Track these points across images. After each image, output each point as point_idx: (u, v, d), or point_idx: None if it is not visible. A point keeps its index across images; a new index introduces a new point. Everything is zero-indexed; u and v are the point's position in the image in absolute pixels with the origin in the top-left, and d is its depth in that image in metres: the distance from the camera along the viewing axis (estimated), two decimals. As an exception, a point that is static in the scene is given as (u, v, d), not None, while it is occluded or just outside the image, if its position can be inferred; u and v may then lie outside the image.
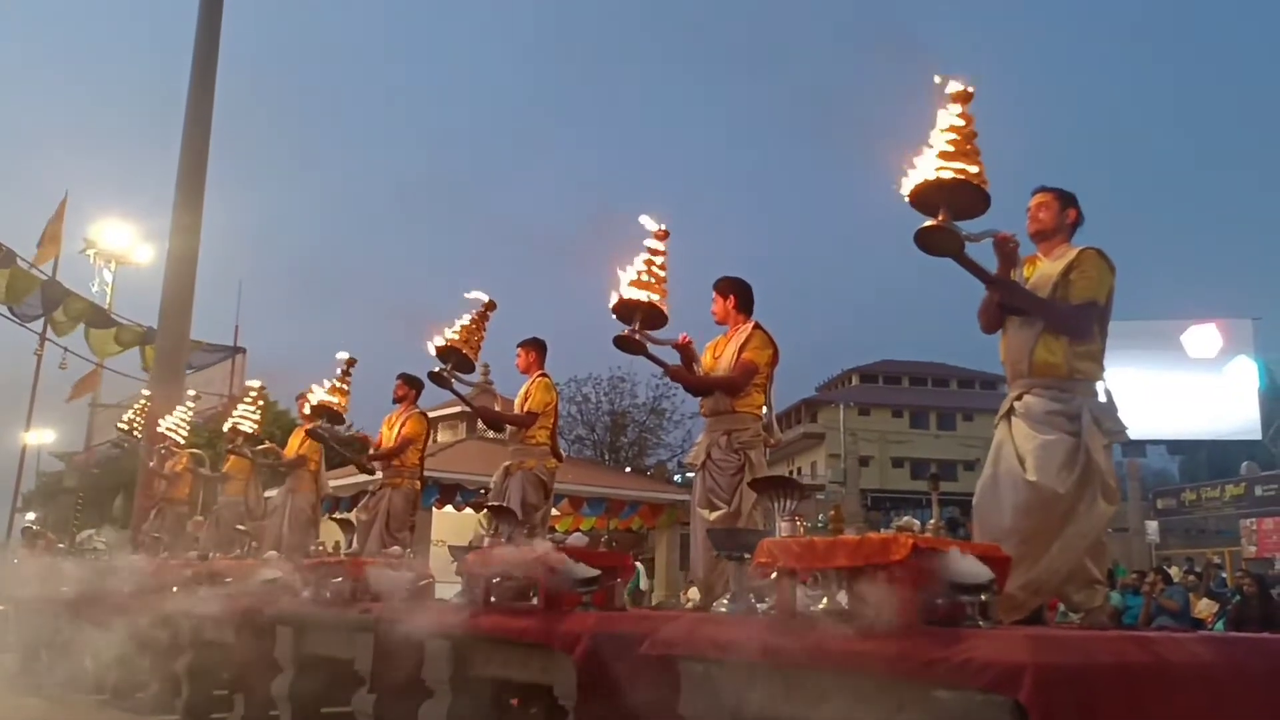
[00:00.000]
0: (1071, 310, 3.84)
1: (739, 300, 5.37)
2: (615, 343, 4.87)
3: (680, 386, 5.41)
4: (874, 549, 2.93)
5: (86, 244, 22.35)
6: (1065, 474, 3.64)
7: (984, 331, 4.11)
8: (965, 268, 3.67)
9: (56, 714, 7.55)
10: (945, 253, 3.53)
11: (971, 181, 3.41)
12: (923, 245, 3.49)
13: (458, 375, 6.34)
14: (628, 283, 4.88)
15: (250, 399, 8.95)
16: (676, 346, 5.09)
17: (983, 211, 3.56)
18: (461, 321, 6.39)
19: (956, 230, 3.46)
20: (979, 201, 3.49)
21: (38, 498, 28.00)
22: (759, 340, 5.21)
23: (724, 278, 5.43)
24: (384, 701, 5.05)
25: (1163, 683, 2.67)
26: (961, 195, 3.43)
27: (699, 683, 3.32)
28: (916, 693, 2.69)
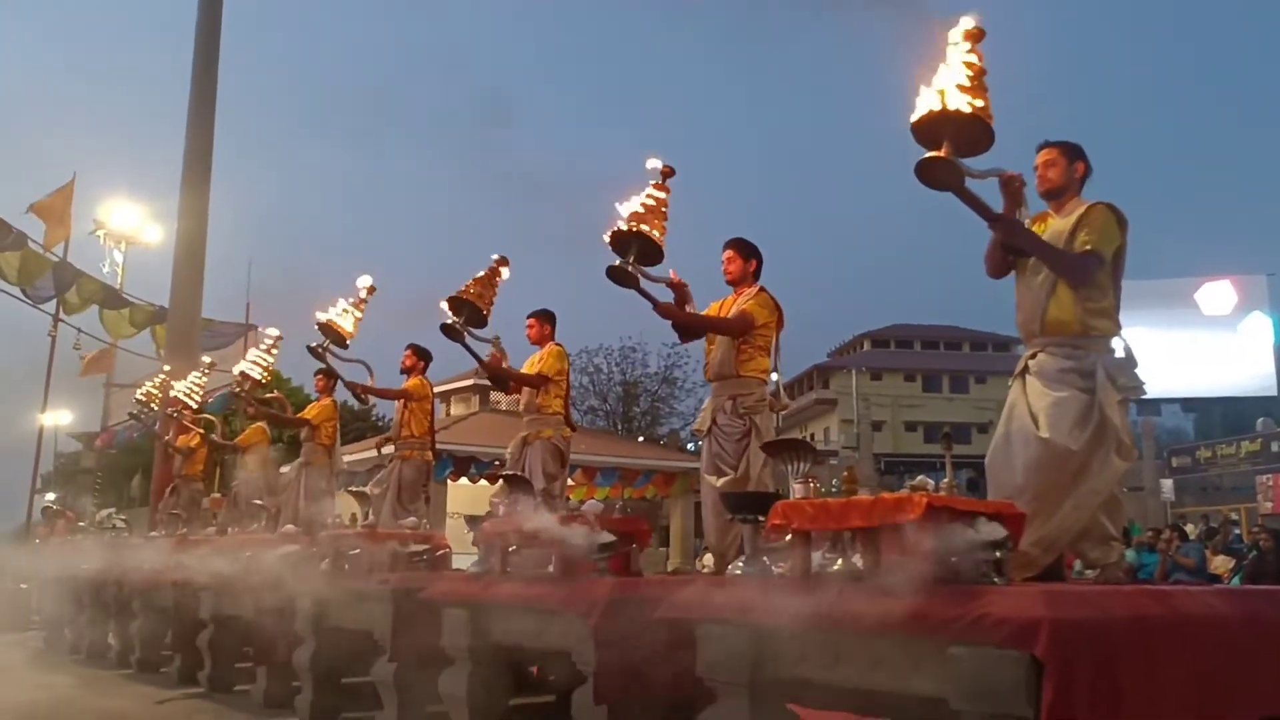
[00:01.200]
0: (1074, 256, 3.78)
1: (759, 265, 5.34)
2: (607, 273, 4.81)
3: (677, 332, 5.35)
4: (888, 509, 2.94)
5: (96, 225, 22.40)
6: (1078, 431, 3.63)
7: (990, 276, 4.06)
8: (966, 203, 3.56)
9: (83, 690, 7.65)
10: (946, 186, 3.43)
11: (978, 115, 3.33)
12: (923, 177, 3.39)
13: (470, 330, 6.32)
14: (626, 214, 4.84)
15: (265, 347, 8.91)
16: (670, 284, 5.04)
17: (987, 148, 3.47)
18: (475, 275, 6.38)
19: (958, 163, 3.37)
20: (984, 137, 3.41)
21: (57, 478, 28.25)
22: (761, 299, 5.20)
23: (742, 240, 5.39)
24: (404, 670, 5.09)
25: (1179, 635, 2.67)
26: (966, 129, 3.34)
27: (715, 645, 3.34)
28: (932, 650, 2.70)
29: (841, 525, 3.11)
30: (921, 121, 3.36)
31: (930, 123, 3.35)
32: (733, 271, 5.33)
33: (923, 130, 3.38)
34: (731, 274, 5.34)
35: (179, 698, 6.93)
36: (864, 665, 2.93)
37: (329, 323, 7.25)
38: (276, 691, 6.41)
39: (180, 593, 7.49)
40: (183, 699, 6.89)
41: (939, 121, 3.33)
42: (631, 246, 4.81)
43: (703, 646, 3.39)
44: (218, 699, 6.82)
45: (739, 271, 5.32)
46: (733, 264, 5.33)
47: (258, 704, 6.43)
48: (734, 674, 3.28)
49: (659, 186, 5.01)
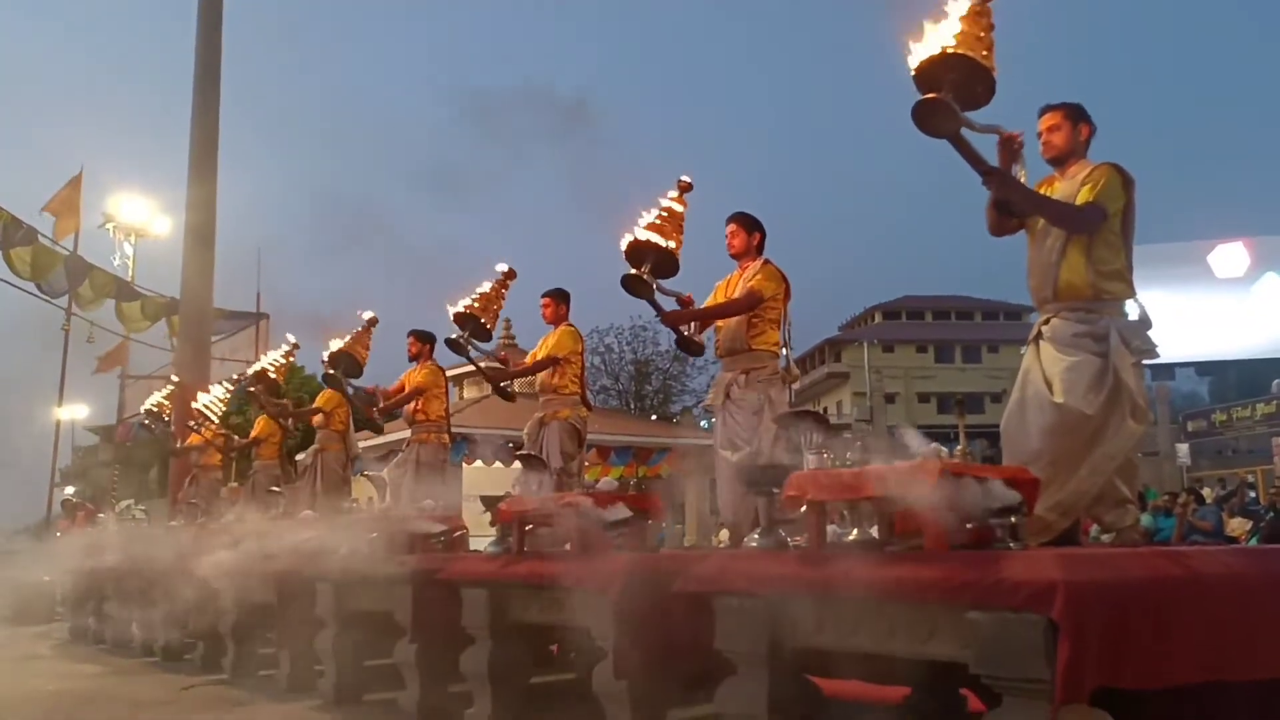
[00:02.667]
0: (1072, 206, 3.74)
1: (763, 238, 5.35)
2: (623, 282, 4.88)
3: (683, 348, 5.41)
4: (902, 477, 2.94)
5: (105, 218, 22.47)
6: (1093, 395, 3.62)
7: (990, 233, 4.05)
8: (960, 153, 3.50)
9: (109, 678, 7.74)
10: (942, 132, 3.37)
11: (980, 61, 3.27)
12: (920, 122, 3.32)
13: (474, 343, 6.39)
14: (643, 225, 4.88)
15: (283, 351, 9.01)
16: (681, 300, 5.09)
17: (987, 101, 3.43)
18: (481, 289, 6.42)
19: (956, 109, 3.31)
20: (985, 89, 3.37)
21: (75, 472, 28.46)
22: (766, 272, 5.20)
23: (745, 214, 5.39)
24: (425, 650, 5.14)
25: (1195, 595, 2.67)
26: (968, 78, 3.30)
27: (733, 617, 3.36)
28: (949, 616, 2.72)
29: (856, 495, 3.12)
30: (923, 66, 3.31)
31: (931, 69, 3.29)
32: (736, 246, 5.34)
33: (924, 78, 3.32)
34: (735, 248, 5.35)
35: (203, 684, 7.00)
36: (881, 632, 2.95)
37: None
38: (300, 675, 6.47)
39: (201, 581, 7.55)
40: (207, 685, 6.96)
41: (940, 66, 3.28)
42: (648, 257, 4.85)
43: (721, 619, 3.42)
44: (241, 684, 6.89)
45: (742, 245, 5.33)
46: (736, 238, 5.34)
47: (281, 688, 6.49)
48: (752, 645, 3.30)
49: (678, 200, 5.04)
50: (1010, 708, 2.54)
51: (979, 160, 3.59)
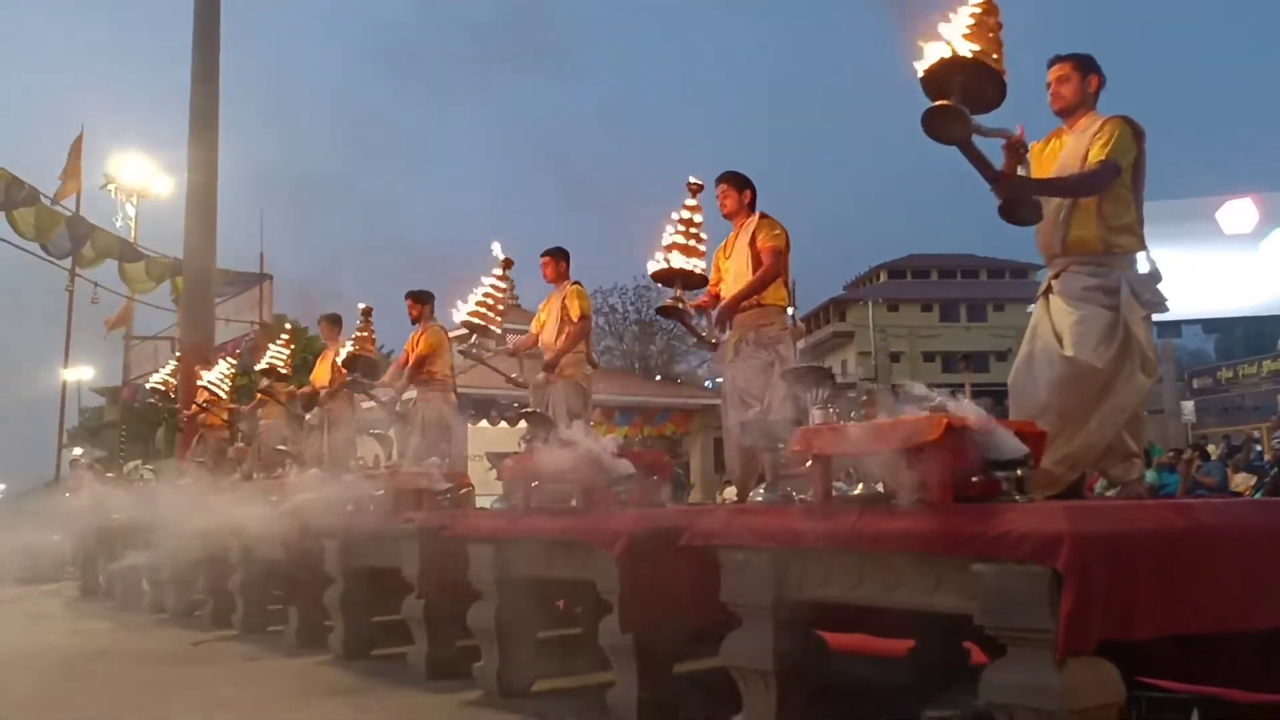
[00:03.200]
0: (1087, 174, 3.71)
1: (754, 195, 5.35)
2: (659, 312, 5.31)
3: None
4: (908, 431, 2.94)
5: (107, 179, 22.40)
6: (1103, 348, 3.61)
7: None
8: (969, 159, 3.45)
9: (120, 634, 7.82)
10: (952, 139, 3.33)
11: (990, 65, 3.21)
12: (929, 128, 3.28)
13: (487, 349, 6.43)
14: (668, 246, 5.03)
15: (283, 340, 9.14)
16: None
17: (998, 104, 3.36)
18: (482, 290, 6.48)
19: (966, 114, 3.24)
20: (995, 92, 3.30)
21: (82, 433, 28.62)
22: (769, 225, 5.20)
23: (734, 172, 5.38)
24: (433, 606, 5.18)
25: (1200, 546, 2.68)
26: (977, 81, 3.23)
27: (738, 571, 3.37)
28: (954, 568, 2.72)
29: (862, 449, 3.11)
30: (931, 70, 3.23)
31: (940, 72, 3.22)
32: (729, 205, 5.35)
33: (932, 82, 3.25)
34: (728, 208, 5.35)
35: (213, 640, 7.08)
36: (886, 585, 2.95)
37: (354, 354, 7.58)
38: (309, 631, 6.53)
39: (209, 539, 7.61)
40: (217, 640, 7.03)
41: (948, 70, 3.21)
42: (677, 280, 5.00)
43: (726, 572, 3.43)
44: (251, 640, 6.96)
45: (735, 204, 5.33)
46: (728, 198, 5.35)
47: (291, 643, 6.56)
48: (757, 598, 3.31)
49: (693, 208, 5.04)
50: (1014, 658, 2.55)
51: (987, 166, 3.52)
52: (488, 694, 4.64)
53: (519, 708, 4.36)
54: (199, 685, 5.27)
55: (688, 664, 4.26)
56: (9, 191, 16.27)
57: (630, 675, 3.90)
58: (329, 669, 5.70)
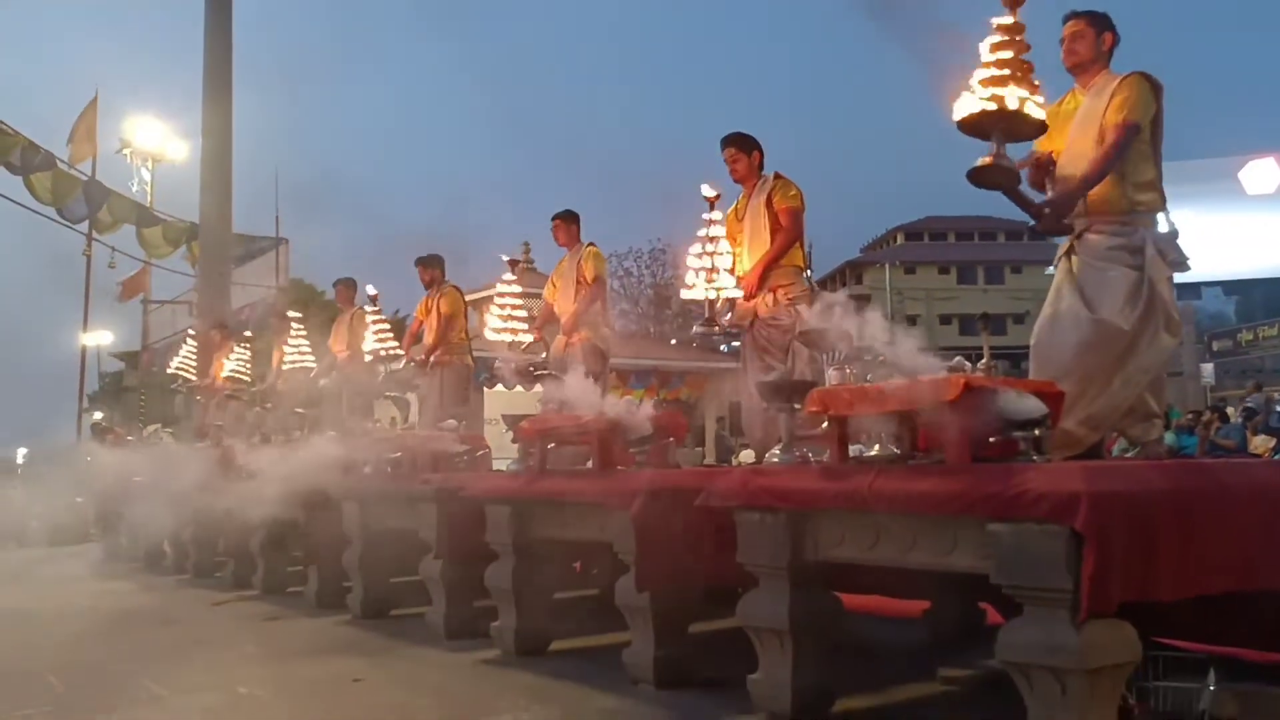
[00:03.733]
0: (1111, 146, 3.68)
1: (762, 156, 5.30)
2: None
3: None
4: (926, 391, 2.93)
5: (122, 143, 22.39)
6: (1129, 309, 3.59)
7: None
8: (1013, 201, 3.62)
9: (143, 594, 7.93)
10: (997, 187, 3.43)
11: (1026, 114, 3.24)
12: (974, 181, 3.37)
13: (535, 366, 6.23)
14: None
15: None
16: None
17: (1035, 135, 3.48)
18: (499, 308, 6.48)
19: (1010, 166, 3.32)
20: (1033, 129, 3.38)
21: (102, 397, 28.82)
22: (784, 186, 5.16)
23: (739, 135, 5.33)
24: (450, 567, 5.22)
25: (1219, 505, 2.67)
26: (1016, 124, 3.28)
27: (754, 531, 3.38)
28: (971, 528, 2.71)
29: (879, 409, 3.10)
30: (967, 120, 3.28)
31: (979, 120, 3.27)
32: (739, 170, 5.30)
33: (971, 127, 3.30)
34: (739, 172, 5.31)
35: (234, 600, 7.16)
36: (902, 545, 2.95)
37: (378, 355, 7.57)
38: (328, 591, 6.60)
39: (229, 500, 7.67)
40: (238, 600, 7.12)
41: (989, 119, 3.25)
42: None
43: (742, 533, 3.44)
44: (272, 600, 7.04)
45: (745, 168, 5.28)
46: (738, 162, 5.30)
47: (310, 604, 6.63)
48: (773, 559, 3.32)
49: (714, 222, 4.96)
50: (1030, 617, 2.55)
51: (1029, 204, 3.71)
52: (505, 653, 4.68)
53: (536, 667, 4.40)
54: (221, 644, 5.35)
55: (704, 624, 4.30)
56: (25, 156, 16.30)
57: (646, 635, 3.92)
58: (348, 628, 5.77)
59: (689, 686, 3.84)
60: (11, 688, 4.28)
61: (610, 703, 3.69)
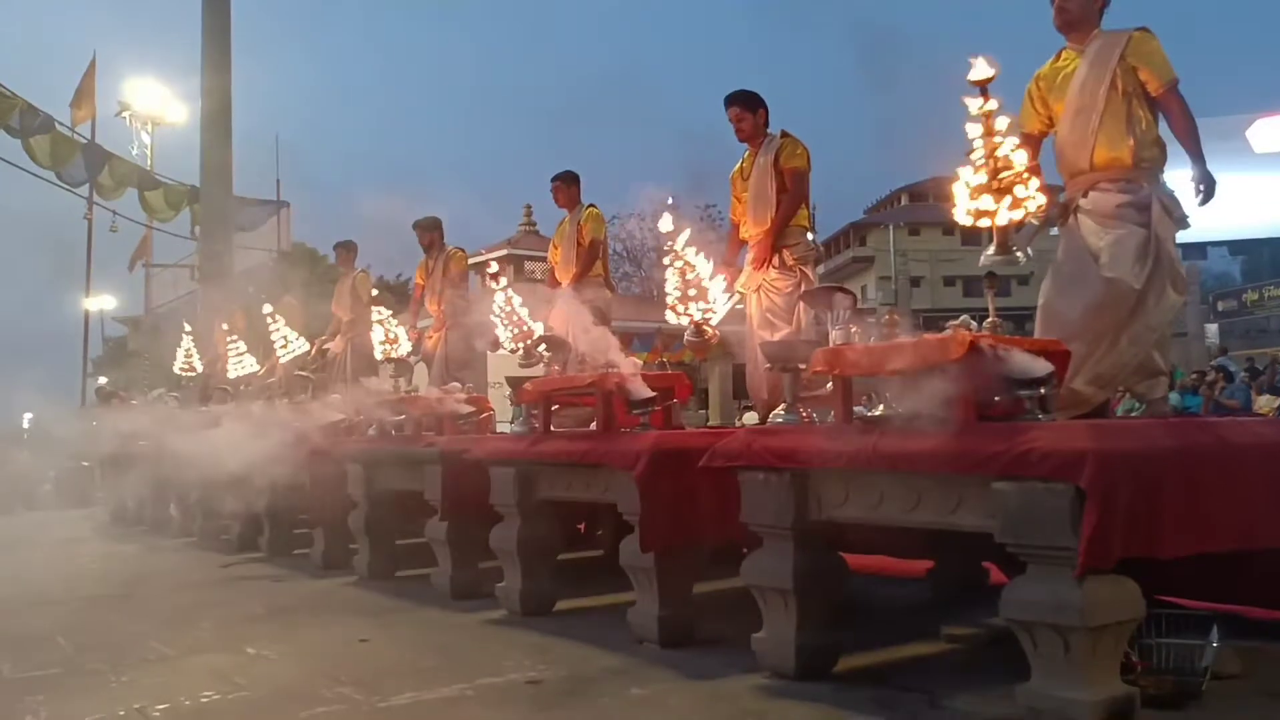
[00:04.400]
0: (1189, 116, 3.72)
1: (768, 114, 5.25)
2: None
3: None
4: (931, 350, 2.91)
5: (121, 106, 22.24)
6: (1138, 267, 3.58)
7: None
8: None
9: (150, 556, 7.99)
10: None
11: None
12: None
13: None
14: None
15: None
16: None
17: None
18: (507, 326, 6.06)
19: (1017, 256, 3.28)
20: None
21: (106, 362, 28.85)
22: (792, 145, 5.11)
23: (744, 92, 5.26)
24: (455, 528, 5.24)
25: (1224, 463, 2.66)
26: None
27: (759, 491, 3.39)
28: (975, 487, 2.71)
29: (884, 369, 3.09)
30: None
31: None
32: (745, 129, 5.25)
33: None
34: (745, 131, 5.26)
35: (241, 562, 7.21)
36: (907, 504, 2.95)
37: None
38: (334, 553, 6.64)
39: (234, 463, 7.70)
40: (245, 563, 7.17)
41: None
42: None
43: (746, 493, 3.44)
44: (278, 563, 7.09)
45: (751, 127, 5.24)
46: (744, 121, 5.24)
47: (317, 565, 6.67)
48: (777, 519, 3.33)
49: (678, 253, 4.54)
50: (1035, 575, 2.55)
51: None
52: (510, 613, 4.71)
53: (541, 626, 4.43)
54: (228, 605, 5.38)
55: (708, 584, 4.32)
56: (24, 119, 16.19)
57: (651, 595, 3.94)
58: (354, 590, 5.80)
59: (693, 645, 3.86)
60: (21, 649, 4.32)
61: (615, 661, 3.72)
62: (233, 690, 3.52)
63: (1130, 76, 3.72)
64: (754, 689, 3.25)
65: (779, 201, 5.10)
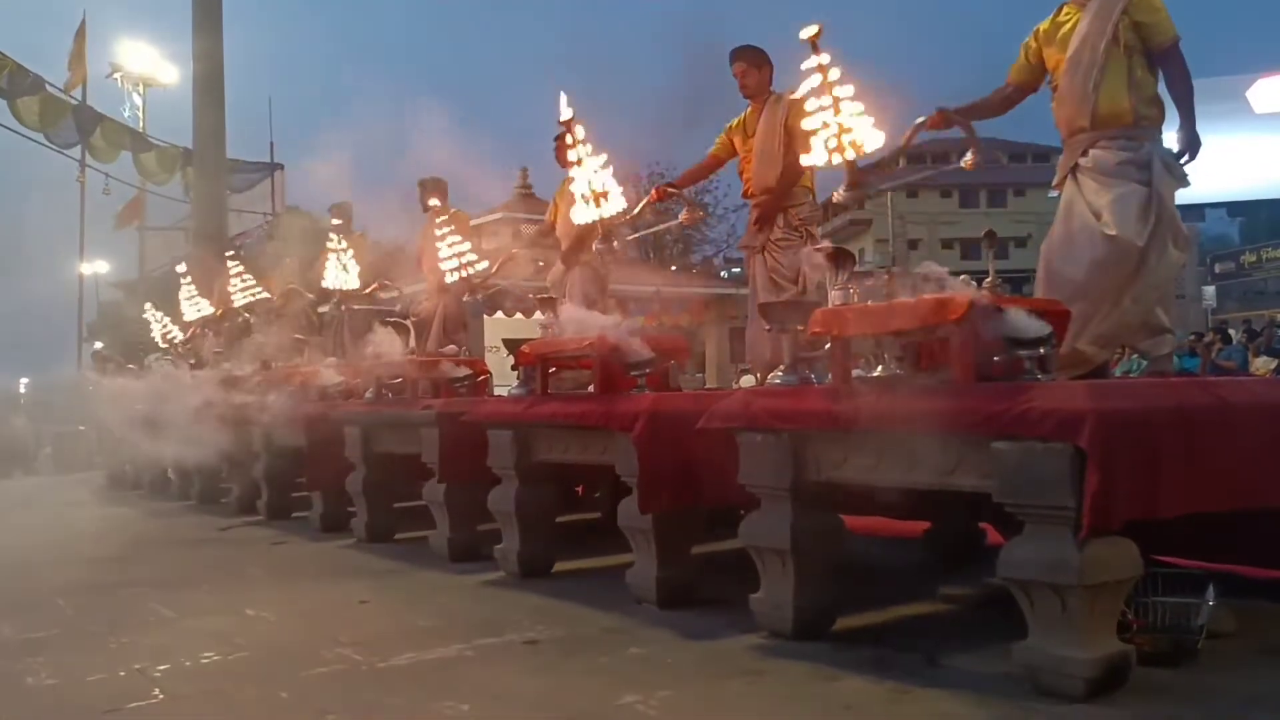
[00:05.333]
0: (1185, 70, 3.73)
1: (773, 71, 5.19)
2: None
3: None
4: (930, 310, 2.90)
5: (113, 68, 21.99)
6: (1141, 225, 3.57)
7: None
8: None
9: (150, 519, 8.00)
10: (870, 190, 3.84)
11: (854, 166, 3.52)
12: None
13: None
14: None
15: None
16: None
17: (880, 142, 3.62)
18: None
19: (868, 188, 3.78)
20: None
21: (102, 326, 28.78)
22: (800, 107, 5.05)
23: (750, 47, 5.20)
24: (453, 490, 5.24)
25: (1224, 423, 2.66)
26: None
27: (756, 452, 3.38)
28: (974, 447, 2.71)
29: (883, 329, 3.08)
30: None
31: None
32: (750, 85, 5.19)
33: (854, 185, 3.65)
34: (749, 87, 5.19)
35: (240, 525, 7.23)
36: (905, 465, 2.95)
37: None
38: (332, 516, 6.66)
39: (232, 427, 7.70)
40: (244, 526, 7.18)
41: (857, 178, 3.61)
42: None
43: (744, 454, 3.44)
44: (277, 525, 7.10)
45: (756, 82, 5.17)
46: (749, 77, 5.18)
47: (315, 528, 6.69)
48: (775, 480, 3.33)
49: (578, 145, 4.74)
50: (1032, 534, 2.56)
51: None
52: (509, 575, 4.73)
53: (539, 588, 4.45)
54: (228, 568, 5.40)
55: (706, 545, 4.33)
56: (13, 80, 16.01)
57: (649, 556, 3.95)
58: (353, 552, 5.82)
59: (692, 606, 3.87)
60: (21, 612, 4.33)
61: (614, 622, 3.73)
62: (233, 651, 3.53)
63: (1131, 32, 3.68)
64: (752, 649, 3.27)
65: (785, 162, 5.06)
